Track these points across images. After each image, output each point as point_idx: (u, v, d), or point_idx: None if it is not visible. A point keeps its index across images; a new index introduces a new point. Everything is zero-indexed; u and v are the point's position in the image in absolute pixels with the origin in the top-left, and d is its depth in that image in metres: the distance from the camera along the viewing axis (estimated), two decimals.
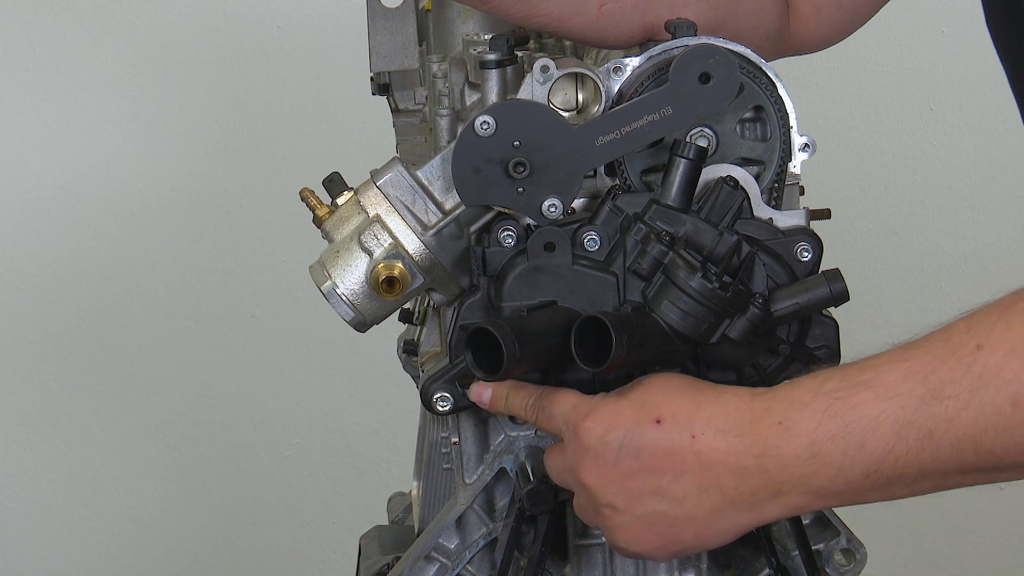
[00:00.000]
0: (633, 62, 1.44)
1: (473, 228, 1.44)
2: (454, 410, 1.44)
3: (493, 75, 1.45)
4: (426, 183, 1.44)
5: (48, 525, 3.24)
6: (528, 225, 1.41)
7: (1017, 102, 1.61)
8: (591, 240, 1.40)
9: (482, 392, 1.41)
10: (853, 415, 1.23)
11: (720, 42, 1.41)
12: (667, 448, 1.29)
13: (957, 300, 3.01)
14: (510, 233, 1.41)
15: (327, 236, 1.47)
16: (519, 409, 1.39)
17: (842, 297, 1.39)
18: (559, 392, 1.37)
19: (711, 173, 1.41)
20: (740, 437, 1.27)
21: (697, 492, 1.29)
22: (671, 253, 1.37)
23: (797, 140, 1.45)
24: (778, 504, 1.27)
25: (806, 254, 1.41)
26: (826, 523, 1.51)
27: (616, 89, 1.44)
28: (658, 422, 1.30)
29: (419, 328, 1.64)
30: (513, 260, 1.40)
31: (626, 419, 1.31)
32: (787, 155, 1.44)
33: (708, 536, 1.31)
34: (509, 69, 1.45)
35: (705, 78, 1.38)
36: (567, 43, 1.62)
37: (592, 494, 1.32)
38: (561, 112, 1.42)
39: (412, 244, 1.43)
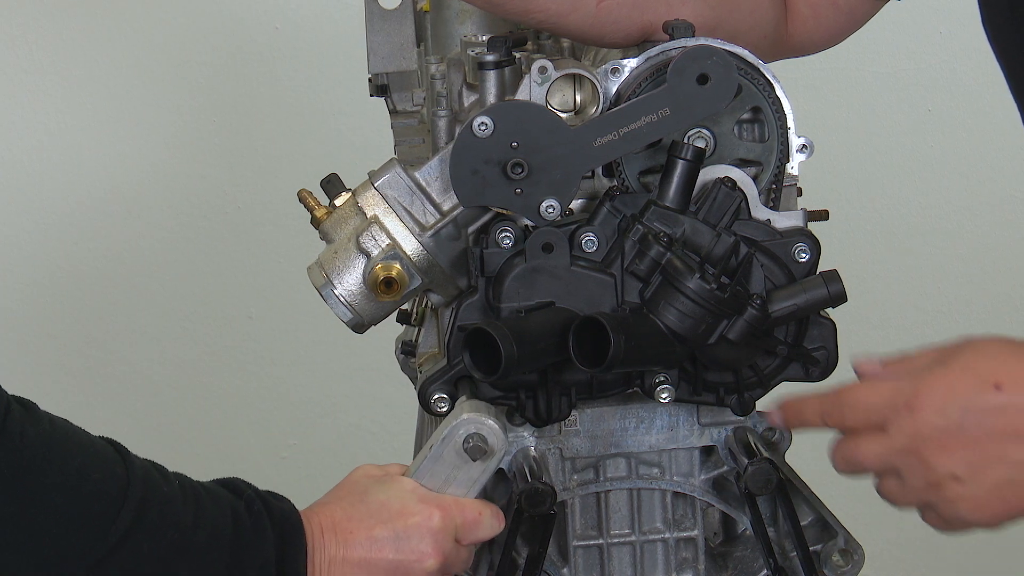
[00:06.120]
0: (631, 63, 1.44)
1: (471, 229, 1.44)
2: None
3: (491, 76, 1.45)
4: (424, 184, 1.44)
5: None
6: (526, 226, 1.41)
7: (1015, 100, 1.61)
8: (589, 241, 1.40)
9: (774, 418, 1.39)
10: None
11: (718, 43, 1.41)
12: (1012, 413, 1.26)
13: (955, 301, 3.01)
14: (508, 234, 1.40)
15: (325, 237, 1.47)
16: (815, 417, 1.35)
17: (840, 298, 1.39)
18: (858, 386, 1.33)
19: (709, 174, 1.40)
20: None
21: None
22: (669, 254, 1.37)
23: (795, 141, 1.45)
24: None
25: (804, 255, 1.41)
26: (824, 524, 1.51)
27: (614, 90, 1.44)
28: (997, 387, 1.26)
29: (417, 329, 1.64)
30: (511, 261, 1.40)
31: (963, 388, 1.27)
32: (785, 156, 1.44)
33: None
34: (507, 70, 1.45)
35: (703, 79, 1.38)
36: (565, 44, 1.62)
37: (932, 469, 1.28)
38: (559, 113, 1.42)
39: (410, 245, 1.43)
